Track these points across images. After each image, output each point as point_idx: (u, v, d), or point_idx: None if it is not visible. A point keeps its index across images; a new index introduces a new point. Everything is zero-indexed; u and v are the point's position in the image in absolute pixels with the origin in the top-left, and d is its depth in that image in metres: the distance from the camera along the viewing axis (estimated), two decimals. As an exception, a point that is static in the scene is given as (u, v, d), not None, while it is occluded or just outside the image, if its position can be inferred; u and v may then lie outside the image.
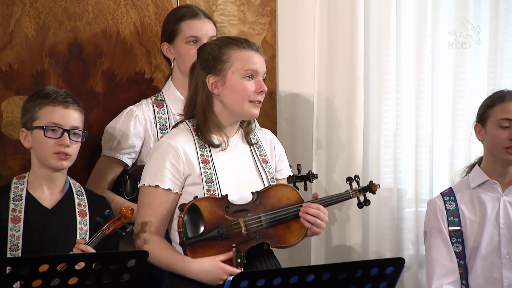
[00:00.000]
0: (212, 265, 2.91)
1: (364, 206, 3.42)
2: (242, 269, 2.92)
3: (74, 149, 3.15)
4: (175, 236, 3.05)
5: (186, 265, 2.94)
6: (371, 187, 3.39)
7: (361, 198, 3.38)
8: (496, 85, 4.25)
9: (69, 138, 3.12)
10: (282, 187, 3.16)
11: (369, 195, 3.41)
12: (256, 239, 3.02)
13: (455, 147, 4.32)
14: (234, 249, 2.94)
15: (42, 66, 3.70)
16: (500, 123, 3.55)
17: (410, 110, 4.27)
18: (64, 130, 3.11)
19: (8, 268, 2.33)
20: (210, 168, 3.06)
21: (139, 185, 3.09)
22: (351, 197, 3.35)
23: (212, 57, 3.07)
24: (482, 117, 3.62)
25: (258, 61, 3.09)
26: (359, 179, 3.37)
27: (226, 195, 3.02)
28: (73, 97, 3.19)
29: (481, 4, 4.33)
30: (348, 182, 3.35)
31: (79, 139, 3.17)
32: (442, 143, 4.33)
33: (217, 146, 3.09)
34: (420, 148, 4.28)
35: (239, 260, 2.93)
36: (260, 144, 3.24)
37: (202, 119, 3.09)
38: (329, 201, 3.25)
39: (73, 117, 3.15)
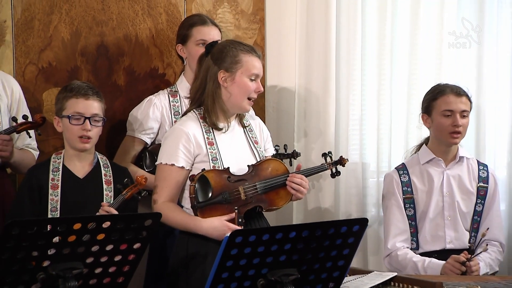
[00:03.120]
0: (219, 223, 2.94)
1: (336, 177, 3.46)
2: (243, 227, 2.95)
3: (95, 132, 3.16)
4: (185, 203, 3.06)
5: (197, 224, 2.96)
6: (341, 161, 3.43)
7: (334, 170, 3.42)
8: (441, 80, 4.23)
9: (90, 124, 3.13)
10: (272, 161, 3.17)
11: (339, 168, 3.44)
12: (253, 203, 3.04)
13: (409, 129, 4.29)
14: (236, 211, 2.96)
15: (75, 63, 3.70)
16: (443, 113, 3.57)
17: (373, 99, 4.26)
18: (86, 118, 3.12)
19: (49, 226, 2.33)
20: (215, 149, 3.06)
21: (157, 162, 3.09)
22: (326, 169, 3.38)
23: (226, 56, 3.05)
24: (428, 109, 3.64)
25: (260, 67, 3.10)
26: (332, 154, 3.40)
27: (228, 167, 3.03)
28: (94, 90, 3.19)
29: (431, 7, 4.31)
30: (323, 157, 3.38)
31: (99, 124, 3.18)
32: (398, 126, 4.30)
33: (220, 129, 3.09)
34: (381, 130, 4.27)
35: (240, 220, 2.95)
36: (251, 128, 3.24)
37: (211, 105, 3.07)
38: (310, 172, 3.29)
39: (93, 106, 3.15)
